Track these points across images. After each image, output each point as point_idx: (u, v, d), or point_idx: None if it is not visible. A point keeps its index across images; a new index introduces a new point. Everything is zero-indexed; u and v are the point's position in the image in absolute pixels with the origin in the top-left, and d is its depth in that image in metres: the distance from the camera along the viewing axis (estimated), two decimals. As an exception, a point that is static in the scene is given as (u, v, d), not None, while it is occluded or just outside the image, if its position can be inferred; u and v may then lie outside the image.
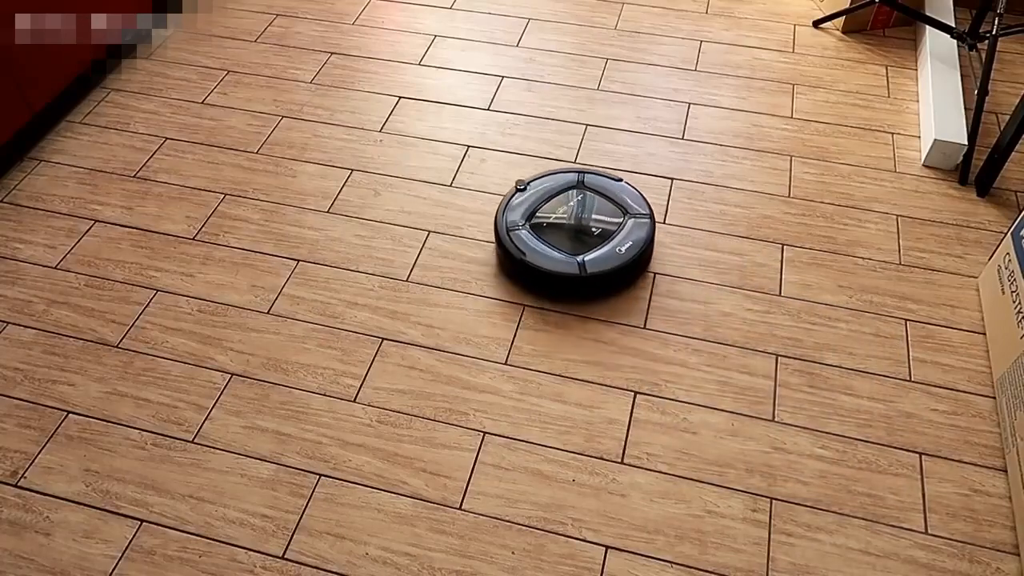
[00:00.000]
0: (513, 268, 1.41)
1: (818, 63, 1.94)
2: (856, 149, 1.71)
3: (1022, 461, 1.13)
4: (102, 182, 1.64)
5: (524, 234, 1.40)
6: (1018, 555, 1.10)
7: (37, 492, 1.17)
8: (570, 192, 1.48)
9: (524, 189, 1.46)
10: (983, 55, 1.69)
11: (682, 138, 1.75)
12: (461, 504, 1.15)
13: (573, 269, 1.35)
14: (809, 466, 1.20)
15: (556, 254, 1.37)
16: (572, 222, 1.42)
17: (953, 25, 1.85)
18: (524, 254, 1.37)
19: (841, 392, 1.29)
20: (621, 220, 1.42)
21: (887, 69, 1.92)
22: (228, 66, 1.93)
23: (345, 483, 1.18)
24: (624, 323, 1.38)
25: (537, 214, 1.43)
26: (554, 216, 1.42)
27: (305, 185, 1.63)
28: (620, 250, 1.36)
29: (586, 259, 1.36)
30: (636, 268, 1.40)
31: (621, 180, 1.49)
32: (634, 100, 1.84)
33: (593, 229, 1.40)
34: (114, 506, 1.15)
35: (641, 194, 1.48)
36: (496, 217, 1.45)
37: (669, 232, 1.54)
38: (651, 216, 1.44)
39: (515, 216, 1.43)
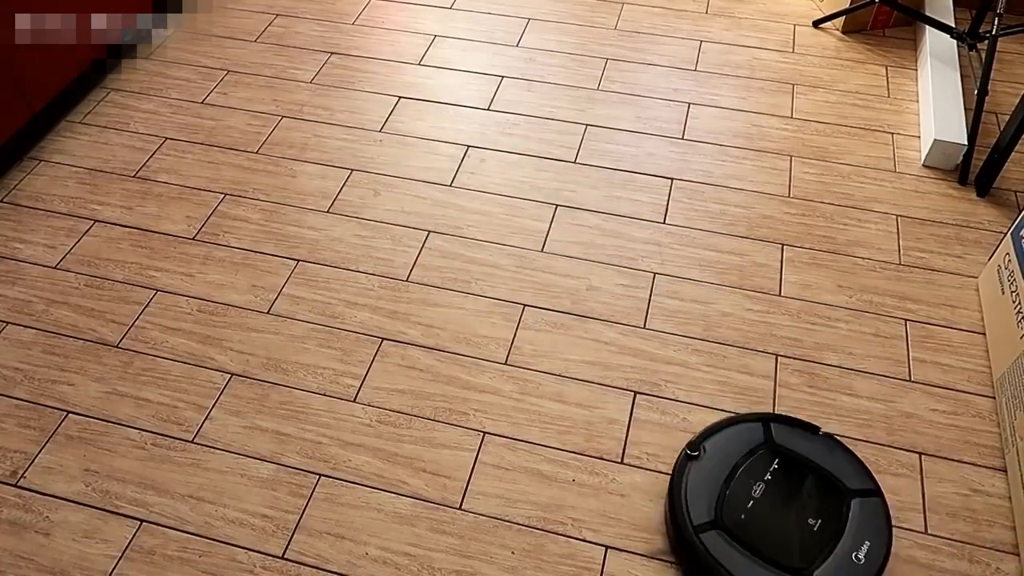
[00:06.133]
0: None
1: (818, 63, 1.94)
2: (856, 149, 1.71)
3: (1022, 461, 1.13)
4: (102, 182, 1.64)
5: (720, 538, 0.98)
6: (1018, 555, 1.10)
7: (37, 492, 1.17)
8: (759, 458, 1.06)
9: (698, 456, 1.06)
10: (983, 55, 1.69)
11: (682, 138, 1.75)
12: (461, 504, 1.15)
13: None
14: (809, 466, 1.20)
15: (773, 572, 0.96)
16: (776, 511, 1.01)
17: (953, 25, 1.85)
18: (730, 574, 0.96)
19: (841, 392, 1.29)
20: (842, 503, 1.02)
21: (887, 69, 1.92)
22: (228, 66, 1.93)
23: (345, 483, 1.18)
24: (624, 323, 1.38)
25: (727, 501, 1.01)
26: (752, 503, 1.01)
27: (305, 185, 1.63)
28: (858, 557, 0.97)
29: None
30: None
31: (820, 430, 1.10)
32: (634, 100, 1.84)
33: (810, 523, 0.99)
34: (114, 506, 1.15)
35: (853, 454, 1.08)
36: (671, 506, 1.03)
37: (669, 232, 1.54)
38: (879, 492, 1.04)
39: (699, 507, 1.00)
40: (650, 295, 1.43)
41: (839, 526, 1.00)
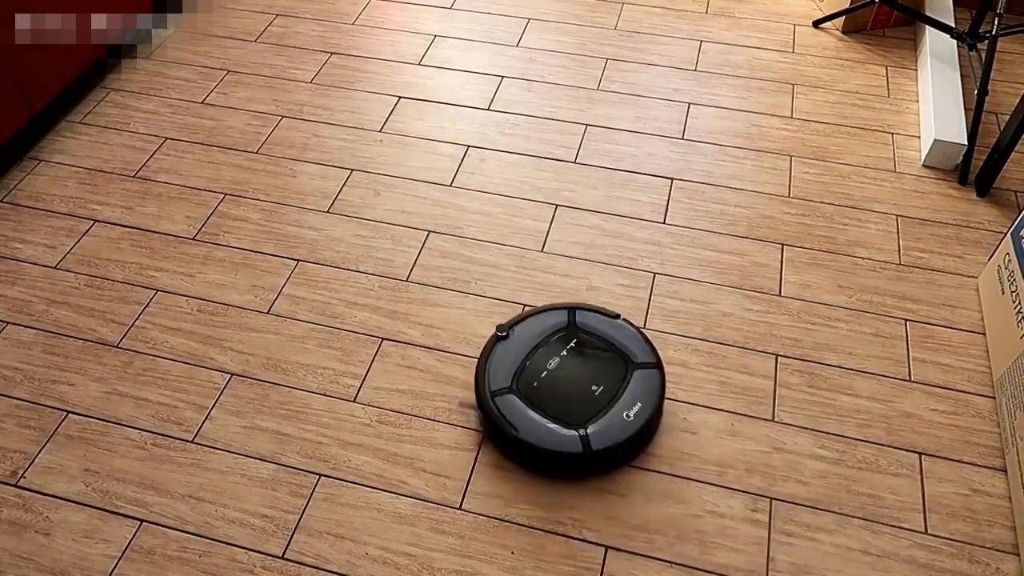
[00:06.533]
0: (503, 444, 1.18)
1: (818, 63, 1.94)
2: (856, 149, 1.71)
3: (1022, 461, 1.13)
4: (102, 182, 1.64)
5: (514, 400, 1.16)
6: (1018, 555, 1.10)
7: (37, 492, 1.17)
8: (560, 338, 1.24)
9: (507, 336, 1.23)
10: (983, 55, 1.69)
11: (682, 138, 1.75)
12: (461, 504, 1.15)
13: (576, 446, 1.11)
14: (809, 466, 1.20)
15: (553, 426, 1.13)
16: (568, 380, 1.18)
17: (953, 25, 1.85)
18: (516, 429, 1.13)
19: (841, 392, 1.29)
20: (625, 373, 1.18)
21: (887, 69, 1.92)
22: (228, 66, 1.93)
23: (345, 483, 1.18)
24: (624, 323, 1.38)
25: (525, 371, 1.19)
26: (545, 373, 1.18)
27: (305, 185, 1.63)
28: (628, 415, 1.13)
29: (589, 431, 1.12)
30: (648, 434, 1.18)
31: (619, 317, 1.27)
32: (634, 100, 1.84)
33: (594, 388, 1.16)
34: (114, 506, 1.15)
35: (643, 333, 1.26)
36: (476, 376, 1.22)
37: (669, 232, 1.54)
38: (659, 364, 1.21)
39: (499, 377, 1.18)
40: (650, 295, 1.43)
41: (618, 391, 1.17)
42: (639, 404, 1.15)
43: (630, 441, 1.13)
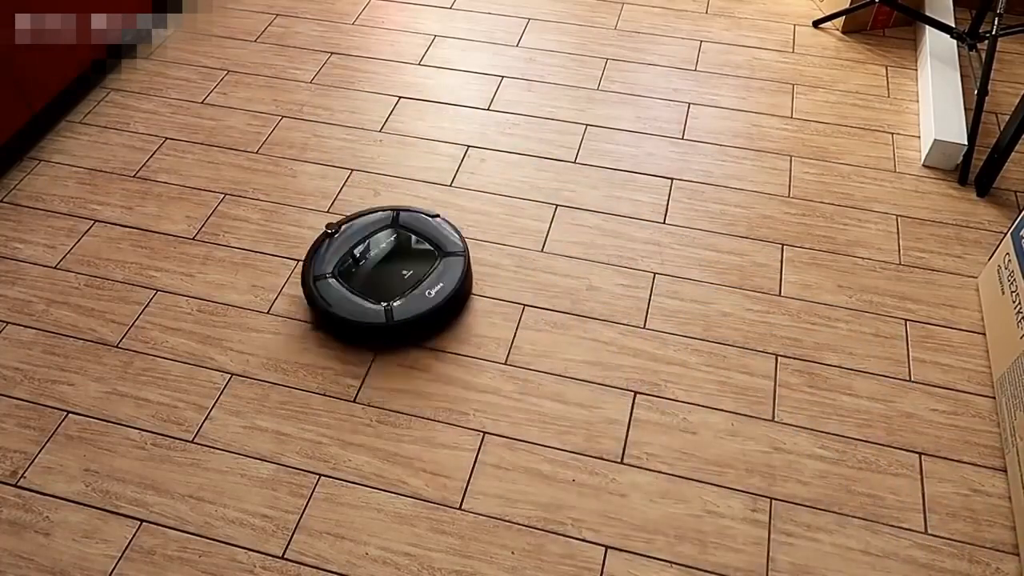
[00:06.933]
0: (319, 320, 1.35)
1: (818, 63, 1.94)
2: (856, 149, 1.71)
3: (1022, 461, 1.13)
4: (102, 182, 1.64)
5: (332, 283, 1.34)
6: (1018, 555, 1.10)
7: (37, 492, 1.17)
8: (383, 234, 1.42)
9: (335, 233, 1.39)
10: (983, 55, 1.69)
11: (682, 138, 1.75)
12: (461, 504, 1.15)
13: (380, 318, 1.30)
14: (809, 466, 1.20)
15: (363, 303, 1.32)
16: (383, 267, 1.37)
17: (953, 25, 1.85)
18: (329, 305, 1.31)
19: (841, 392, 1.29)
20: (435, 261, 1.37)
21: (887, 69, 1.92)
22: (228, 66, 1.93)
23: (345, 483, 1.18)
24: (624, 323, 1.38)
25: (346, 261, 1.37)
26: (364, 261, 1.37)
27: (305, 185, 1.63)
28: (430, 293, 1.32)
29: (394, 306, 1.31)
30: (448, 310, 1.34)
31: (437, 216, 1.44)
32: (634, 100, 1.84)
33: (404, 273, 1.35)
34: (114, 506, 1.15)
35: (458, 230, 1.43)
36: (303, 267, 1.38)
37: (669, 232, 1.54)
38: (465, 253, 1.38)
39: (322, 265, 1.37)
40: (650, 295, 1.43)
41: (425, 274, 1.36)
42: (441, 284, 1.34)
43: (429, 314, 1.32)
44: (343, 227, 1.40)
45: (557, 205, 1.59)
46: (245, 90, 1.86)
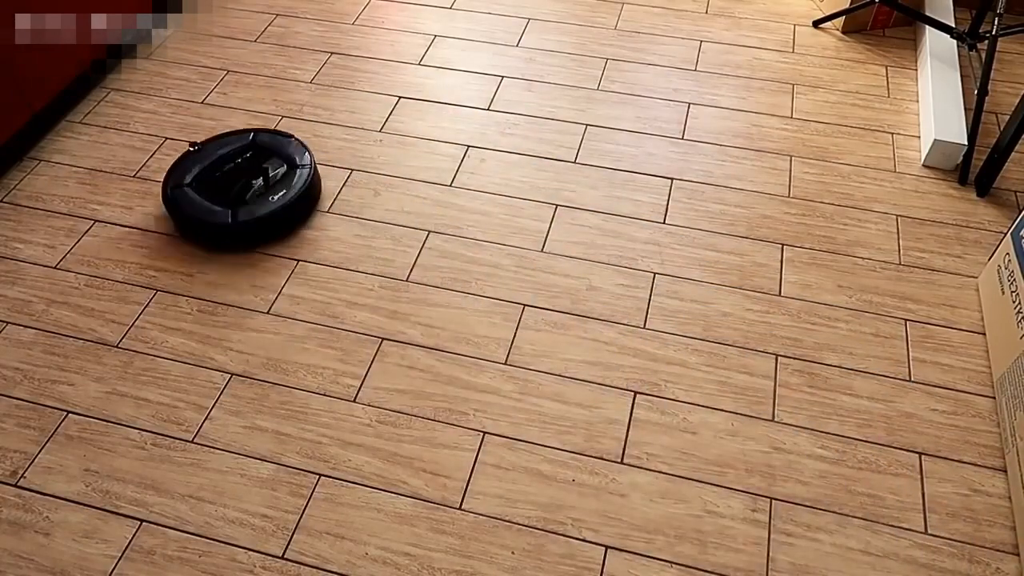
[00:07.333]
0: (175, 225, 1.53)
1: (818, 63, 1.94)
2: (856, 149, 1.71)
3: (1022, 461, 1.13)
4: (102, 182, 1.64)
5: (187, 191, 1.50)
6: (1018, 555, 1.10)
7: (37, 492, 1.17)
8: (239, 150, 1.59)
9: (197, 150, 1.56)
10: (983, 55, 1.69)
11: (682, 138, 1.75)
12: (461, 504, 1.15)
13: (225, 219, 1.46)
14: (809, 466, 1.20)
15: (212, 207, 1.48)
16: (235, 178, 1.54)
17: (953, 25, 1.85)
18: (183, 210, 1.47)
19: (841, 392, 1.29)
20: (282, 173, 1.55)
21: (887, 69, 1.92)
22: (228, 66, 1.93)
23: (345, 483, 1.18)
24: (624, 323, 1.38)
25: (203, 173, 1.54)
26: (219, 174, 1.54)
27: (305, 185, 1.63)
28: (273, 199, 1.49)
29: (240, 210, 1.47)
30: (288, 215, 1.51)
31: (291, 137, 1.61)
32: (634, 100, 1.84)
33: (253, 183, 1.53)
34: (114, 506, 1.15)
35: (308, 149, 1.60)
36: (165, 178, 1.54)
37: (669, 232, 1.54)
38: (310, 167, 1.56)
39: (181, 176, 1.53)
40: (650, 295, 1.43)
41: (273, 185, 1.53)
42: (284, 191, 1.51)
43: (270, 216, 1.48)
44: (205, 146, 1.57)
45: (557, 205, 1.59)
46: (245, 90, 1.86)
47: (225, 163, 1.56)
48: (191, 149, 1.54)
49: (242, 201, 1.49)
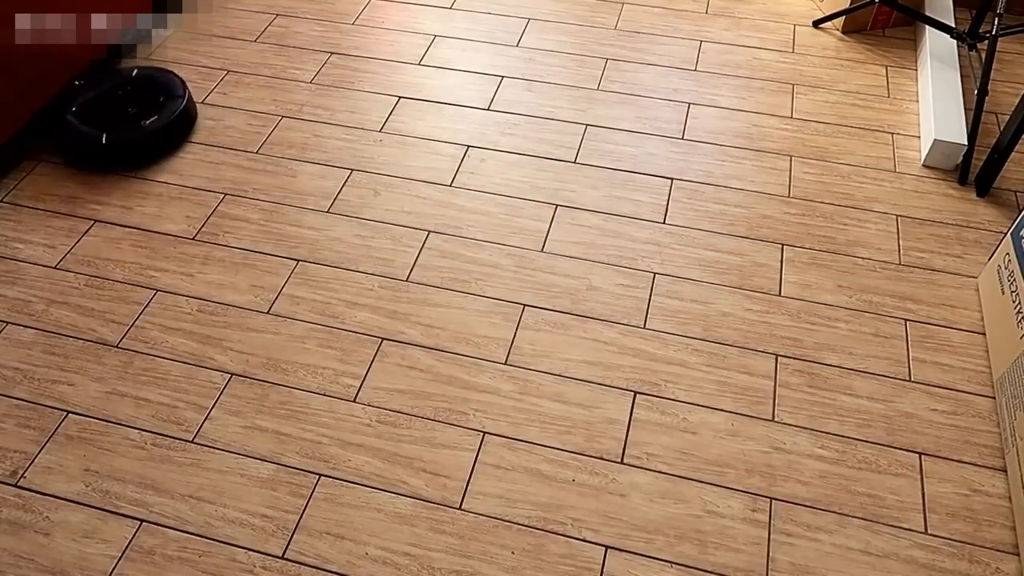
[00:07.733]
0: (58, 147, 1.69)
1: (818, 63, 1.94)
2: (856, 149, 1.71)
3: (1022, 461, 1.13)
4: (102, 182, 1.64)
5: (70, 119, 1.64)
6: (1018, 555, 1.10)
7: (37, 492, 1.17)
8: (121, 84, 1.73)
9: (81, 84, 1.71)
10: (983, 55, 1.69)
11: (682, 138, 1.75)
12: (461, 504, 1.15)
13: (99, 141, 1.61)
14: (809, 466, 1.20)
15: (89, 130, 1.62)
16: (114, 107, 1.68)
17: (953, 25, 1.85)
18: (64, 134, 1.63)
19: (841, 392, 1.29)
20: (158, 103, 1.70)
21: (887, 69, 1.92)
22: (228, 66, 1.93)
23: (345, 483, 1.18)
24: (624, 323, 1.38)
25: (87, 104, 1.68)
26: (99, 104, 1.69)
27: (305, 185, 1.63)
28: (145, 123, 1.64)
29: (113, 133, 1.62)
30: (158, 140, 1.66)
31: (172, 73, 1.77)
32: (634, 100, 1.84)
33: (130, 111, 1.67)
34: (114, 506, 1.15)
35: (184, 83, 1.76)
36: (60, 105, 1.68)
37: (669, 232, 1.54)
38: (183, 98, 1.72)
39: (68, 105, 1.67)
40: (650, 295, 1.43)
41: (148, 112, 1.68)
42: (155, 117, 1.66)
43: (140, 139, 1.64)
44: (90, 80, 1.72)
45: (557, 205, 1.59)
46: (245, 90, 1.86)
47: (105, 94, 1.70)
48: (76, 84, 1.69)
49: (117, 125, 1.64)
